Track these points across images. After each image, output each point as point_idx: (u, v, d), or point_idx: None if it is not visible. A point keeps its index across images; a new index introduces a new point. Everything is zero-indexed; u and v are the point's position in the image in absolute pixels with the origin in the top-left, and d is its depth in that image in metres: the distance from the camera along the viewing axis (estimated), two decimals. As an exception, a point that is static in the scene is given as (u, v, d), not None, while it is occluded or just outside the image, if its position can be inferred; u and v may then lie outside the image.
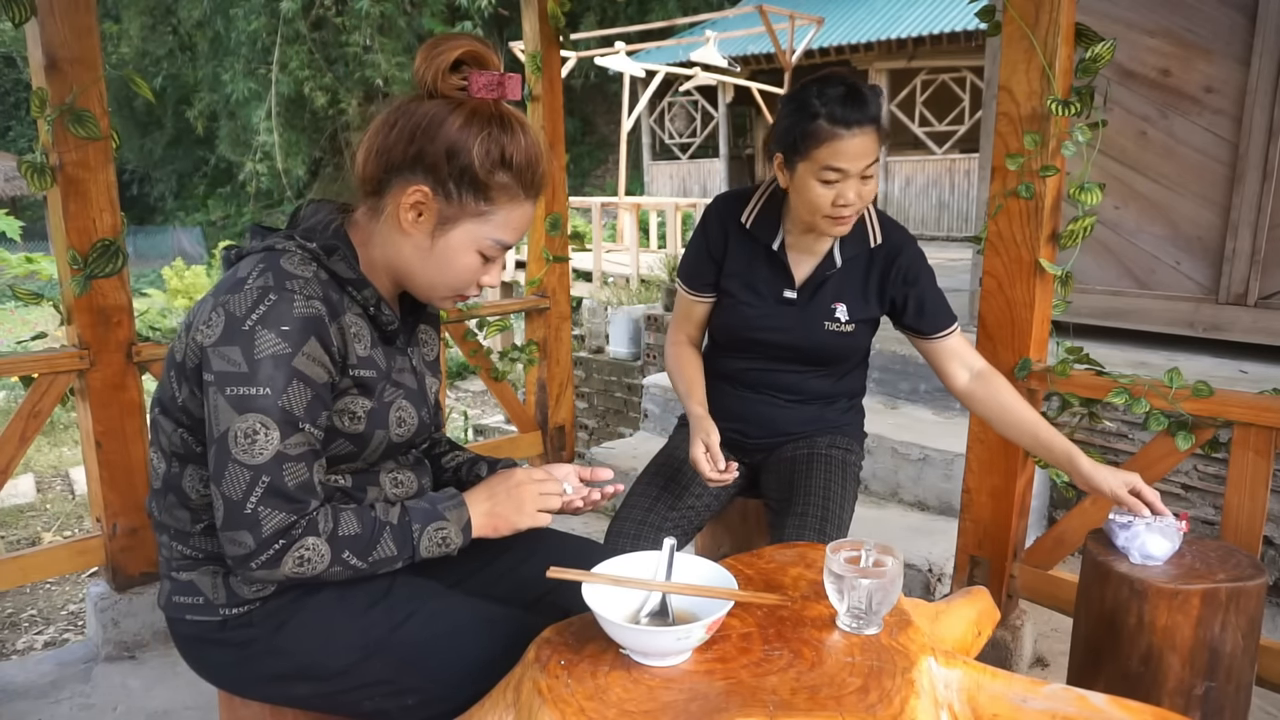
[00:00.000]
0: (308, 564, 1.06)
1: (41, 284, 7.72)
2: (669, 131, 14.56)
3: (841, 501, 1.70)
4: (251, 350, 1.02)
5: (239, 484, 1.03)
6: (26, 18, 2.00)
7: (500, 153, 1.09)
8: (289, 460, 1.04)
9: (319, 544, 1.06)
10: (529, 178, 1.13)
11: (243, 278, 1.07)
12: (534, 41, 2.94)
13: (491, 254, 1.16)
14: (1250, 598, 1.54)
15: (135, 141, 20.50)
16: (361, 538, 1.09)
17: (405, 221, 1.12)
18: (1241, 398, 1.80)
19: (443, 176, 1.09)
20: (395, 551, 1.11)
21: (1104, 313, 3.64)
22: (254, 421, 1.02)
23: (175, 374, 1.12)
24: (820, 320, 1.75)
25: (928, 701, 0.99)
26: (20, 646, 3.14)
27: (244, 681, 1.20)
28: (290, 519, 1.05)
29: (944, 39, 10.45)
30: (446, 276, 1.16)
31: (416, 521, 1.13)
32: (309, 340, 1.05)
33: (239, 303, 1.04)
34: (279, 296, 1.04)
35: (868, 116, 1.55)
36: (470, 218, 1.12)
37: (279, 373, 1.03)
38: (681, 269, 1.85)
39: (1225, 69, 3.24)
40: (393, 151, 1.10)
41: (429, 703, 1.14)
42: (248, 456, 1.02)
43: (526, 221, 1.17)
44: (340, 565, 1.08)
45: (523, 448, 3.29)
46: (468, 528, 1.16)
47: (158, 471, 1.18)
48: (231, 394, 1.02)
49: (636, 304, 6.51)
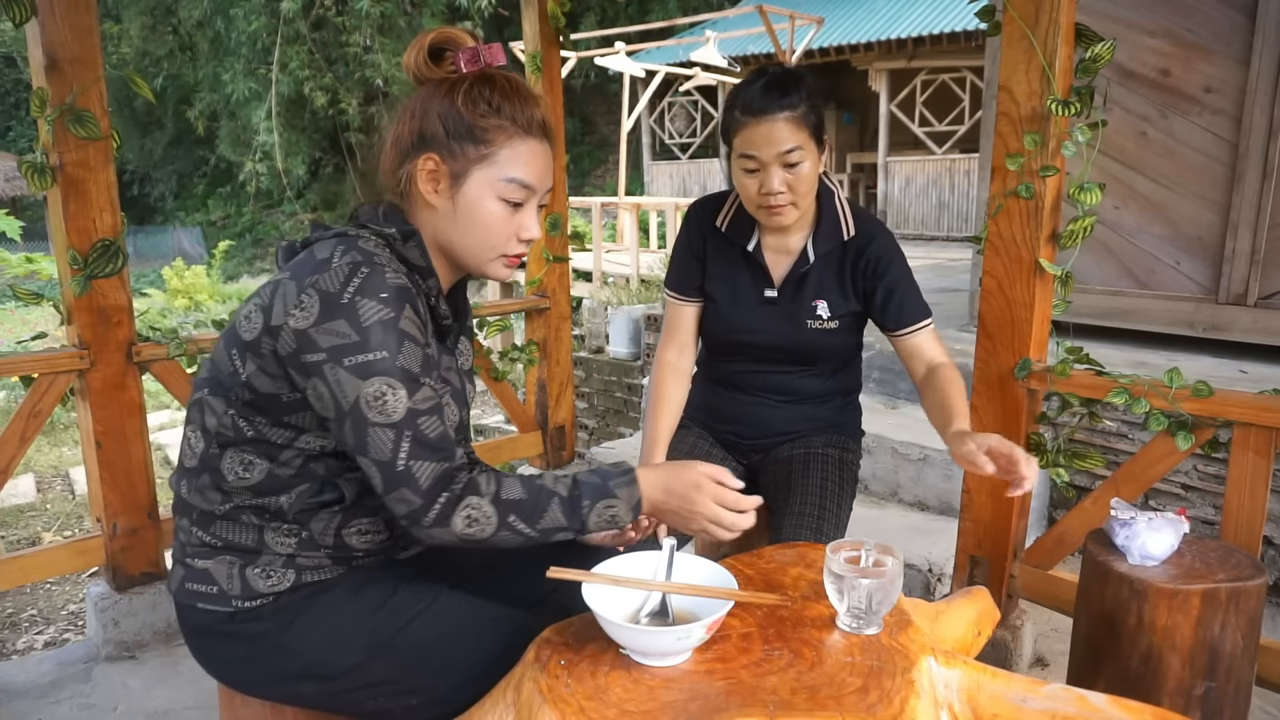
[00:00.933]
0: (476, 525, 1.07)
1: (41, 284, 7.73)
2: (669, 131, 14.56)
3: (839, 500, 1.70)
4: (358, 320, 1.05)
5: (385, 445, 1.05)
6: (27, 18, 2.00)
7: (484, 96, 1.15)
8: (421, 415, 1.07)
9: (484, 504, 1.08)
10: (519, 113, 1.17)
11: (325, 259, 1.09)
12: (534, 41, 2.94)
13: (513, 197, 1.18)
14: (1250, 598, 1.54)
15: (135, 141, 20.49)
16: (527, 503, 1.10)
17: (428, 194, 1.17)
18: (1241, 398, 1.80)
19: (443, 139, 1.15)
20: (565, 522, 1.12)
21: (1104, 313, 3.64)
22: (379, 384, 1.05)
23: (238, 351, 1.13)
24: (803, 319, 1.74)
25: (928, 701, 0.99)
26: (20, 646, 3.14)
27: (248, 677, 1.20)
28: (443, 467, 1.07)
29: (944, 39, 10.44)
30: (480, 233, 1.19)
31: (587, 497, 1.13)
32: (405, 306, 1.09)
33: (330, 280, 1.06)
34: (370, 269, 1.07)
35: (779, 104, 1.56)
36: (476, 164, 1.16)
37: (389, 336, 1.06)
38: (669, 277, 1.86)
39: (1225, 69, 3.24)
40: (401, 140, 1.18)
41: (432, 703, 1.14)
42: (383, 417, 1.05)
43: (537, 159, 1.19)
44: (509, 530, 1.09)
45: (523, 448, 3.29)
46: (638, 506, 1.15)
47: (194, 450, 1.18)
48: (350, 364, 1.04)
49: (636, 304, 6.51)
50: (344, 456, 1.15)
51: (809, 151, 1.59)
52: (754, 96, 1.58)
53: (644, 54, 12.31)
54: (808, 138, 1.59)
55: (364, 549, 1.20)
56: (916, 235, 10.88)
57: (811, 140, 1.60)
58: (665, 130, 14.59)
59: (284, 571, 1.16)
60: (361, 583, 1.20)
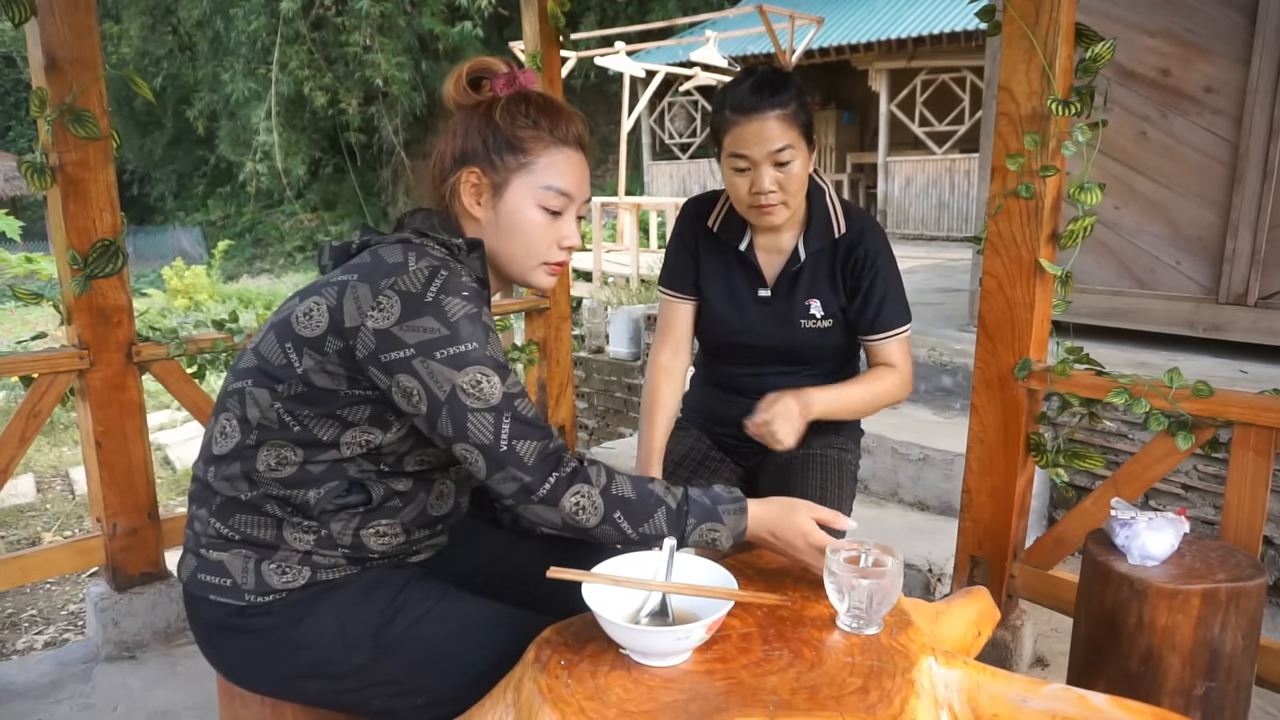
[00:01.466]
0: (584, 512, 1.10)
1: (41, 284, 7.72)
2: (669, 131, 14.56)
3: (839, 501, 1.70)
4: (445, 315, 1.08)
5: (486, 429, 1.08)
6: (26, 18, 2.00)
7: (521, 110, 1.22)
8: (516, 398, 1.10)
9: (594, 494, 1.11)
10: (556, 125, 1.23)
11: (399, 262, 1.12)
12: (534, 41, 2.94)
13: (552, 205, 1.23)
14: (1250, 598, 1.54)
15: (135, 141, 20.49)
16: (635, 504, 1.12)
17: (472, 207, 1.24)
18: (1241, 398, 1.80)
19: (484, 153, 1.22)
20: (667, 532, 1.14)
21: (1104, 313, 3.64)
22: (474, 373, 1.08)
23: (294, 345, 1.13)
24: (796, 319, 1.74)
25: (928, 701, 0.99)
26: (20, 646, 3.14)
27: (254, 673, 1.20)
28: (545, 445, 1.10)
29: (944, 39, 10.44)
30: (522, 242, 1.24)
31: (694, 515, 1.15)
32: (483, 306, 1.13)
33: (410, 282, 1.09)
34: (449, 272, 1.12)
35: (769, 102, 1.55)
36: (516, 174, 1.22)
37: (476, 328, 1.10)
38: (663, 276, 1.85)
39: (1225, 69, 3.24)
40: (445, 158, 1.25)
41: (438, 702, 1.14)
42: (481, 403, 1.08)
43: (574, 168, 1.25)
44: (611, 525, 1.12)
45: (523, 448, 3.29)
46: (741, 536, 1.19)
47: (229, 438, 1.17)
48: (443, 356, 1.08)
49: (636, 304, 6.51)
50: (378, 459, 1.17)
51: (799, 150, 1.59)
52: (744, 95, 1.57)
53: (644, 54, 12.30)
54: (798, 136, 1.58)
55: (380, 550, 1.21)
56: (916, 235, 10.88)
57: (802, 139, 1.59)
58: (665, 130, 14.59)
59: (299, 568, 1.16)
60: (371, 582, 1.20)
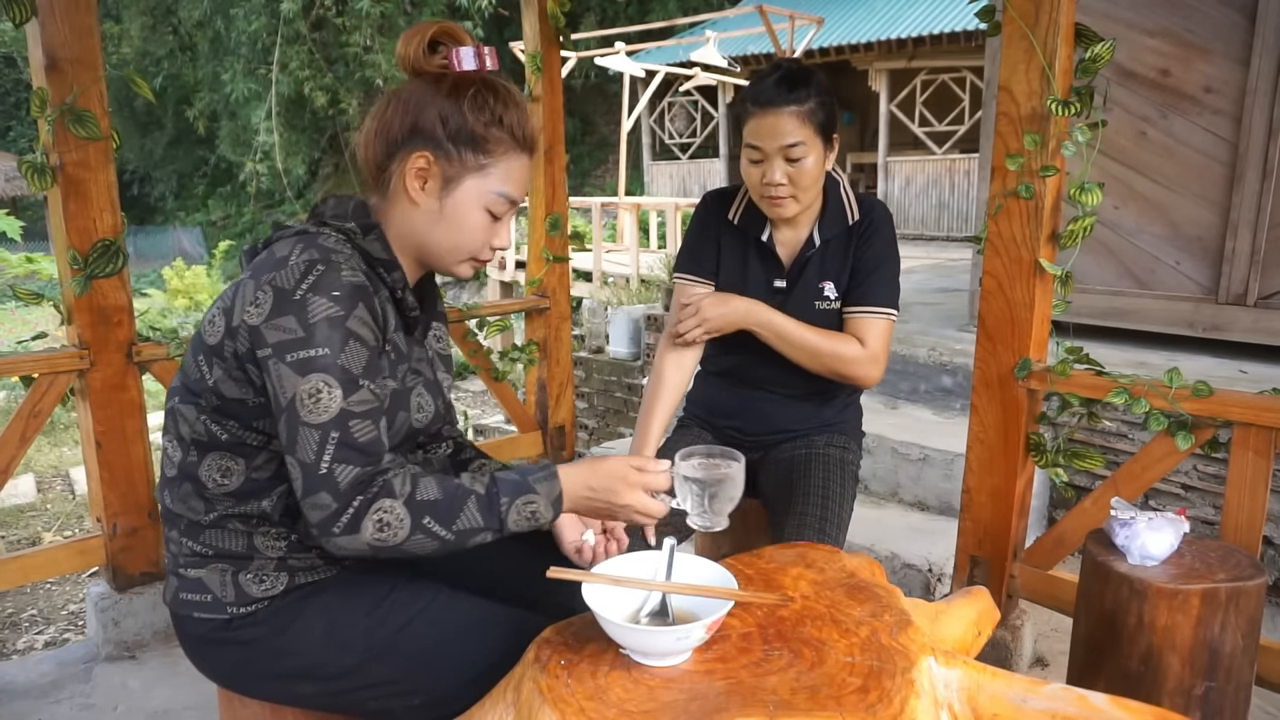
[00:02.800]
0: (388, 529, 1.03)
1: (41, 284, 7.73)
2: (669, 131, 14.55)
3: (840, 500, 1.70)
4: (306, 316, 1.04)
5: (310, 446, 1.03)
6: (27, 18, 2.00)
7: (490, 107, 1.15)
8: (354, 417, 1.05)
9: (396, 507, 1.04)
10: (521, 130, 1.18)
11: (284, 256, 1.08)
12: (534, 41, 2.94)
13: (498, 210, 1.19)
14: (1250, 598, 1.54)
15: (135, 141, 20.49)
16: (442, 504, 1.06)
17: (413, 191, 1.16)
18: (1241, 398, 1.80)
19: (440, 140, 1.14)
20: (482, 522, 1.08)
21: (1104, 313, 3.63)
22: (316, 381, 1.03)
23: (204, 357, 1.13)
24: (810, 300, 1.77)
25: (928, 701, 0.99)
26: (20, 646, 3.14)
27: (248, 680, 1.20)
28: (365, 471, 1.04)
29: (944, 39, 10.44)
30: (459, 238, 1.19)
31: (505, 494, 1.09)
32: (359, 305, 1.07)
33: (286, 277, 1.06)
34: (327, 266, 1.07)
35: (785, 98, 1.60)
36: (472, 173, 1.16)
37: (335, 333, 1.04)
38: (680, 259, 1.87)
39: (1225, 69, 3.24)
40: (391, 130, 1.16)
41: (435, 703, 1.14)
42: (314, 416, 1.03)
43: (525, 175, 1.22)
44: (423, 533, 1.05)
45: (523, 448, 3.29)
46: (558, 502, 1.13)
47: (173, 460, 1.18)
48: (292, 359, 1.04)
49: (636, 304, 6.51)
50: None
51: (812, 147, 1.63)
52: (764, 89, 1.62)
53: (644, 54, 12.30)
54: (813, 134, 1.62)
55: None
56: (916, 235, 10.87)
57: (817, 137, 1.63)
58: (665, 130, 14.58)
59: (277, 575, 1.16)
60: (357, 583, 1.20)
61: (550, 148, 3.05)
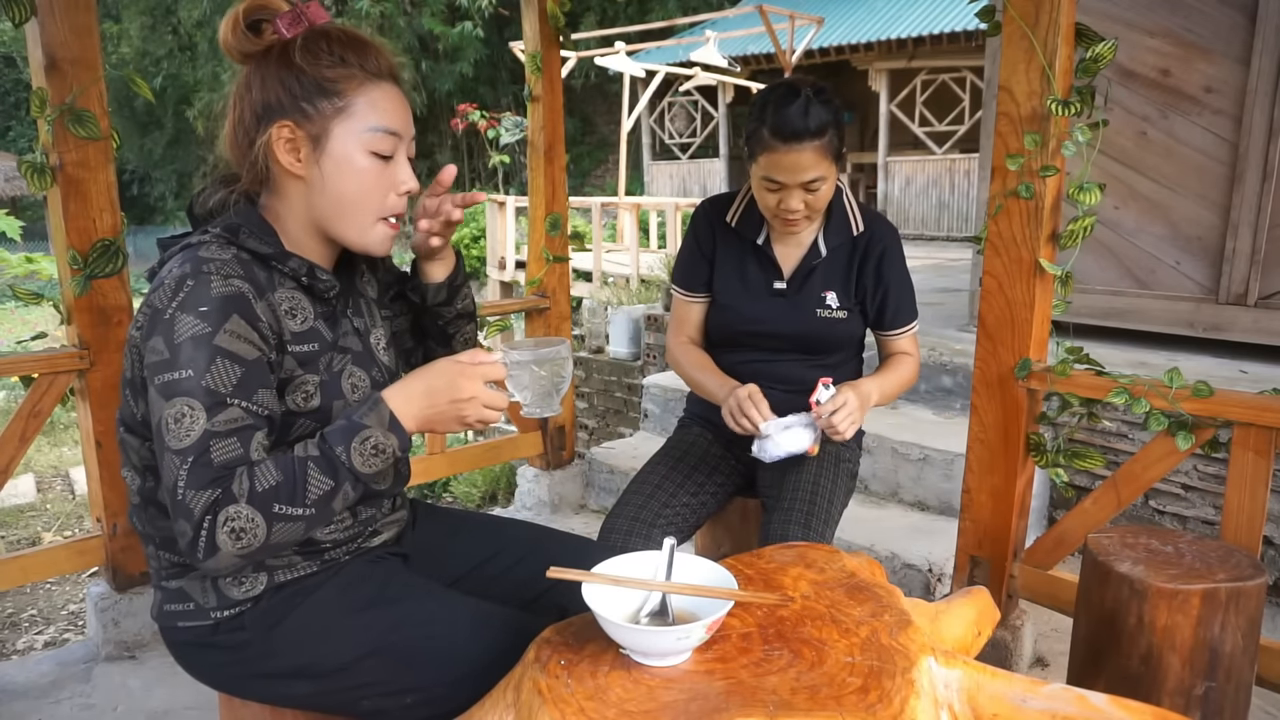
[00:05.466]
0: (245, 534, 0.97)
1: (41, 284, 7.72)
2: (669, 131, 14.55)
3: (831, 496, 1.70)
4: (171, 336, 1.01)
5: (172, 472, 0.98)
6: (26, 18, 2.00)
7: (323, 48, 1.10)
8: (217, 437, 0.99)
9: (242, 509, 0.97)
10: (365, 57, 1.12)
11: (163, 275, 1.07)
12: (534, 41, 2.94)
13: (381, 148, 1.12)
14: (1250, 598, 1.54)
15: (135, 141, 20.50)
16: (284, 485, 0.99)
17: (291, 165, 1.11)
18: (1241, 398, 1.80)
19: (292, 104, 1.09)
20: (332, 482, 1.01)
21: (1104, 313, 3.63)
22: (180, 405, 0.99)
23: (130, 391, 1.12)
24: (811, 308, 1.79)
25: (928, 701, 0.99)
26: (20, 646, 3.14)
27: (243, 682, 1.20)
28: (216, 492, 0.98)
29: (944, 39, 10.44)
30: (355, 195, 1.12)
31: (338, 444, 1.02)
32: (230, 318, 1.03)
33: (160, 296, 1.04)
34: (196, 281, 1.03)
35: (808, 131, 1.58)
36: (334, 119, 1.10)
37: (200, 353, 1.00)
38: (676, 274, 1.90)
39: (1225, 69, 3.24)
40: (245, 119, 1.12)
41: (429, 702, 1.14)
42: (176, 441, 0.99)
43: (396, 104, 1.14)
44: (282, 521, 0.99)
45: (523, 448, 3.29)
46: (394, 424, 1.04)
47: (133, 488, 1.18)
48: (159, 383, 1.01)
49: (636, 304, 6.50)
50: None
51: (830, 176, 1.66)
52: (784, 122, 1.59)
53: (644, 54, 12.30)
54: (830, 165, 1.64)
55: (331, 540, 1.20)
56: (916, 235, 10.87)
57: (834, 165, 1.66)
58: (665, 130, 14.58)
59: (255, 575, 1.16)
60: (347, 581, 1.20)
61: (550, 147, 3.06)
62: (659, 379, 4.10)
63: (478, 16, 15.28)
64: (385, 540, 1.29)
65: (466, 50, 16.47)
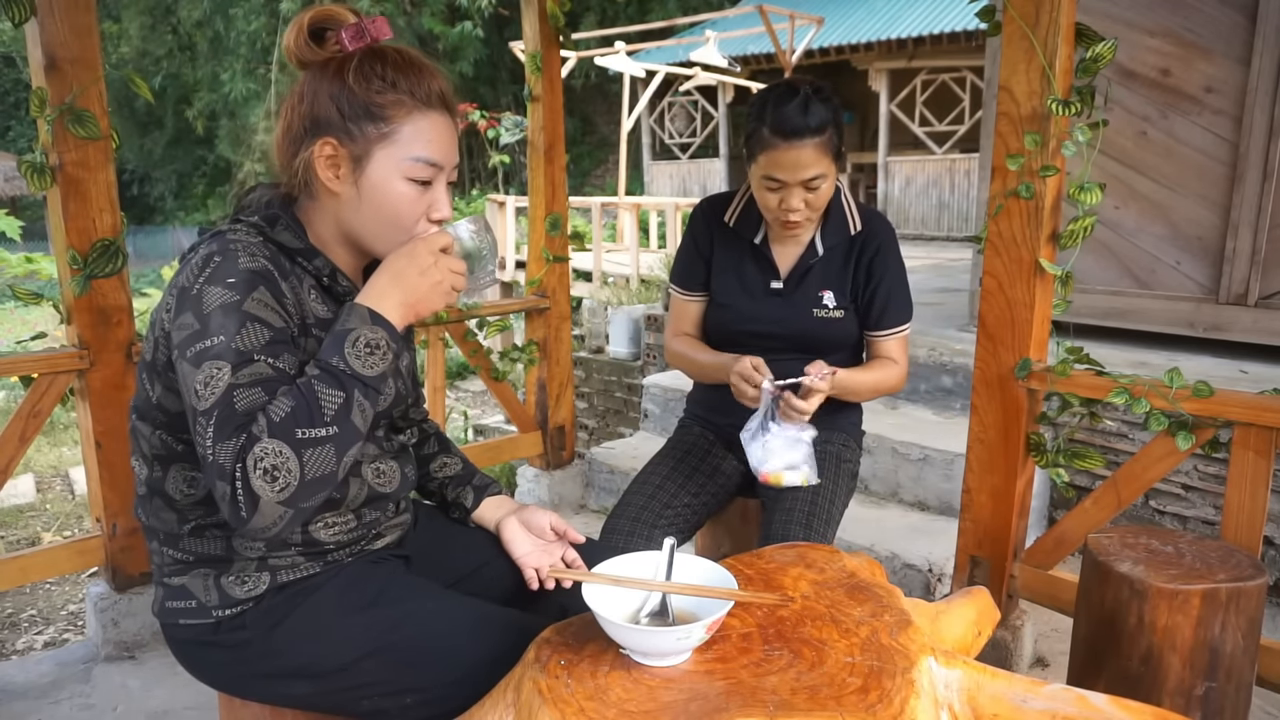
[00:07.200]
0: (279, 472, 0.94)
1: (41, 284, 7.72)
2: (669, 131, 14.55)
3: (831, 497, 1.71)
4: (201, 308, 1.01)
5: (202, 436, 0.97)
6: (26, 18, 2.00)
7: (375, 71, 1.10)
8: (239, 388, 0.98)
9: (267, 445, 0.95)
10: (416, 86, 1.12)
11: (189, 257, 1.08)
12: (534, 41, 2.94)
13: (420, 176, 1.13)
14: (1250, 598, 1.54)
15: (135, 141, 20.50)
16: (300, 408, 0.98)
17: (329, 181, 1.12)
18: (1241, 398, 1.80)
19: (339, 122, 1.10)
20: (342, 393, 1.00)
21: (1104, 313, 3.63)
22: (209, 369, 0.99)
23: (147, 375, 1.13)
24: (809, 308, 1.79)
25: (928, 701, 0.99)
26: (20, 646, 3.14)
27: (243, 682, 1.20)
28: (240, 439, 0.95)
29: (944, 39, 10.44)
30: (389, 216, 1.13)
31: (332, 355, 1.02)
32: (258, 288, 1.03)
33: (187, 274, 1.05)
34: (223, 256, 1.04)
35: (809, 129, 1.59)
36: (378, 144, 1.11)
37: (229, 319, 1.01)
38: (674, 273, 1.91)
39: (1225, 69, 3.24)
40: (293, 128, 1.13)
41: (429, 703, 1.14)
42: (203, 403, 0.97)
43: (441, 134, 1.14)
44: (310, 447, 0.97)
45: (523, 448, 3.29)
46: (375, 317, 1.05)
47: (140, 478, 1.18)
48: (191, 354, 1.00)
49: (636, 304, 6.50)
50: None
51: (830, 174, 1.66)
52: (784, 120, 1.59)
53: (644, 54, 12.31)
54: (830, 162, 1.64)
55: (334, 541, 1.20)
56: (916, 235, 10.87)
57: (833, 163, 1.66)
58: (665, 130, 14.58)
59: (258, 575, 1.16)
60: (348, 582, 1.20)
61: (550, 148, 3.05)
62: (659, 379, 4.10)
63: (477, 16, 15.29)
64: (388, 543, 1.29)
65: (466, 50, 16.48)
